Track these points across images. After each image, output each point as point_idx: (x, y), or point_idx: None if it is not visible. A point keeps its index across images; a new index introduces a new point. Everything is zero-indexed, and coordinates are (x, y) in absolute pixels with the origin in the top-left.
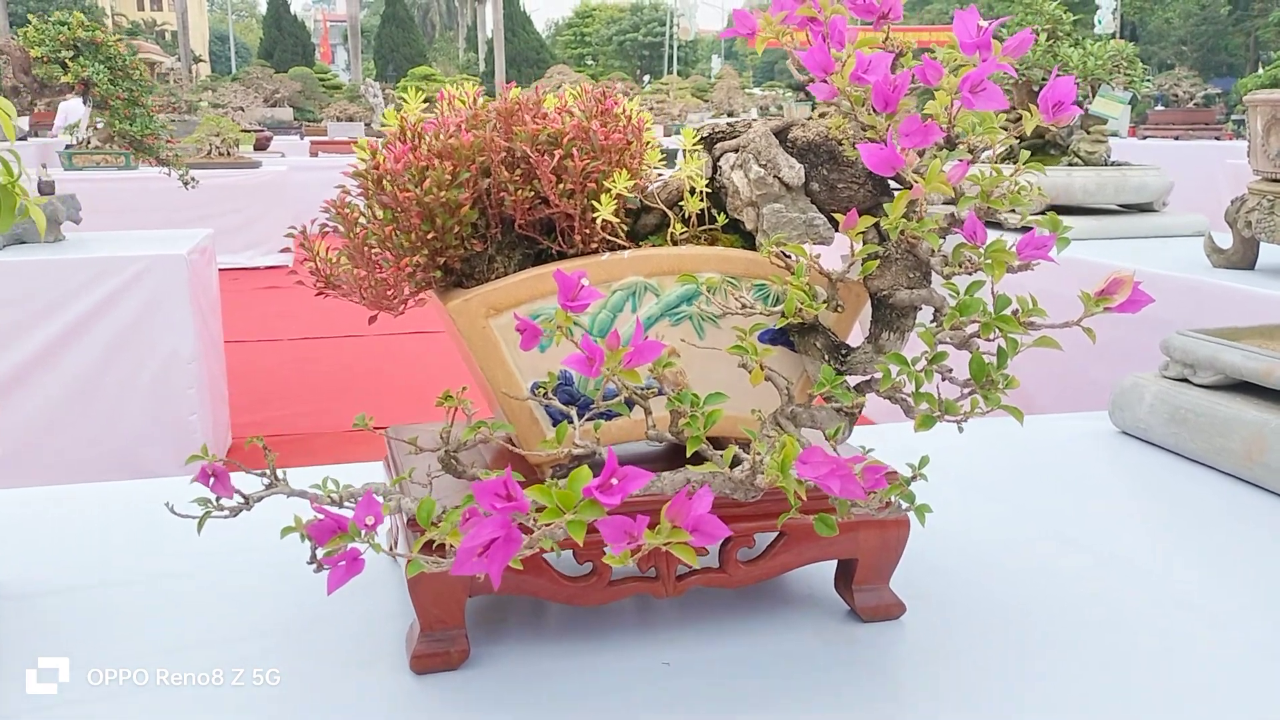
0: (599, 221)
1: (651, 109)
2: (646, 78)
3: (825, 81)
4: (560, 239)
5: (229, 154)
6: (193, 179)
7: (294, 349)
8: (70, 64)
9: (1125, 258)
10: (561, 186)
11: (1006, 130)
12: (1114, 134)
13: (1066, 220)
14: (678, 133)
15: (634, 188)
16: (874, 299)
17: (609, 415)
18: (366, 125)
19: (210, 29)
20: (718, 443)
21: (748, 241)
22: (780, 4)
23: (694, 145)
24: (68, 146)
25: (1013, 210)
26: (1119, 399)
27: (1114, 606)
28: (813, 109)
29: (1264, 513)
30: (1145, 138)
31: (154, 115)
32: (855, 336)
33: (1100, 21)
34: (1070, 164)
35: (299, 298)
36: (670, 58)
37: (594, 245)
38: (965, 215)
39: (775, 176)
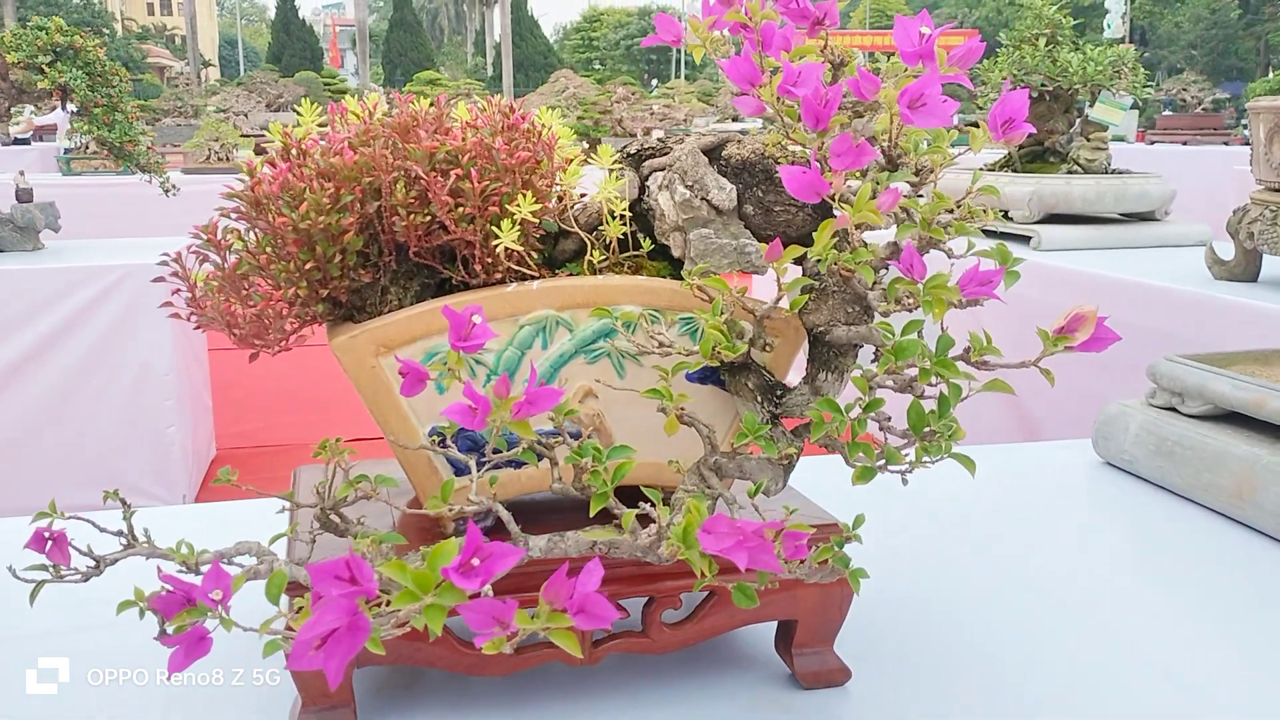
0: (501, 249)
1: (653, 112)
2: (654, 82)
3: (751, 95)
4: (463, 267)
5: (228, 159)
6: (173, 187)
7: (283, 357)
8: (47, 70)
9: (1124, 268)
10: (459, 210)
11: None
12: (1120, 139)
13: (1065, 229)
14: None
15: (550, 210)
16: (810, 335)
17: (519, 463)
18: None
19: (220, 33)
20: (642, 494)
21: (677, 269)
22: (708, 8)
23: (617, 163)
24: (66, 151)
25: (1008, 216)
26: (1103, 428)
27: (1087, 672)
28: None
29: (1254, 557)
30: (1153, 143)
31: (133, 122)
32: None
33: (1110, 25)
34: (1069, 171)
35: None
36: (678, 61)
37: (498, 275)
38: (903, 245)
39: (703, 199)
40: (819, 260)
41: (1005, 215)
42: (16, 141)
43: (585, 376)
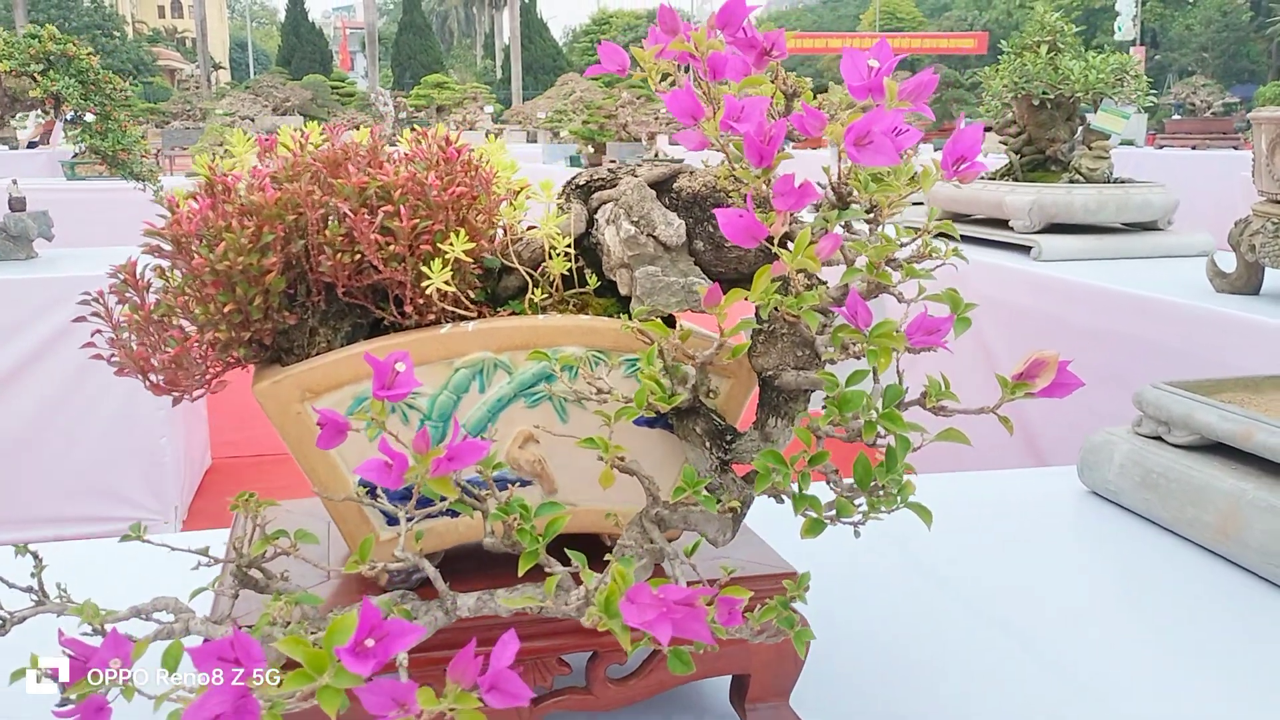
0: (433, 290)
1: (658, 116)
2: None
3: (694, 130)
4: (395, 308)
5: None
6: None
7: None
8: (39, 78)
9: (1125, 279)
10: (387, 249)
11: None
12: (1130, 143)
13: (1066, 239)
14: None
15: (489, 246)
16: (759, 379)
17: (455, 512)
18: None
19: (230, 36)
20: (593, 543)
21: (625, 306)
22: (654, 36)
23: (564, 195)
24: (73, 156)
25: (1008, 226)
26: (1088, 456)
27: None
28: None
29: (1239, 595)
30: (1162, 147)
31: (127, 130)
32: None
33: (1120, 28)
34: (1071, 180)
35: None
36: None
37: (432, 315)
38: (848, 290)
39: (650, 235)
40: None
41: (1005, 225)
42: (30, 145)
43: (526, 421)
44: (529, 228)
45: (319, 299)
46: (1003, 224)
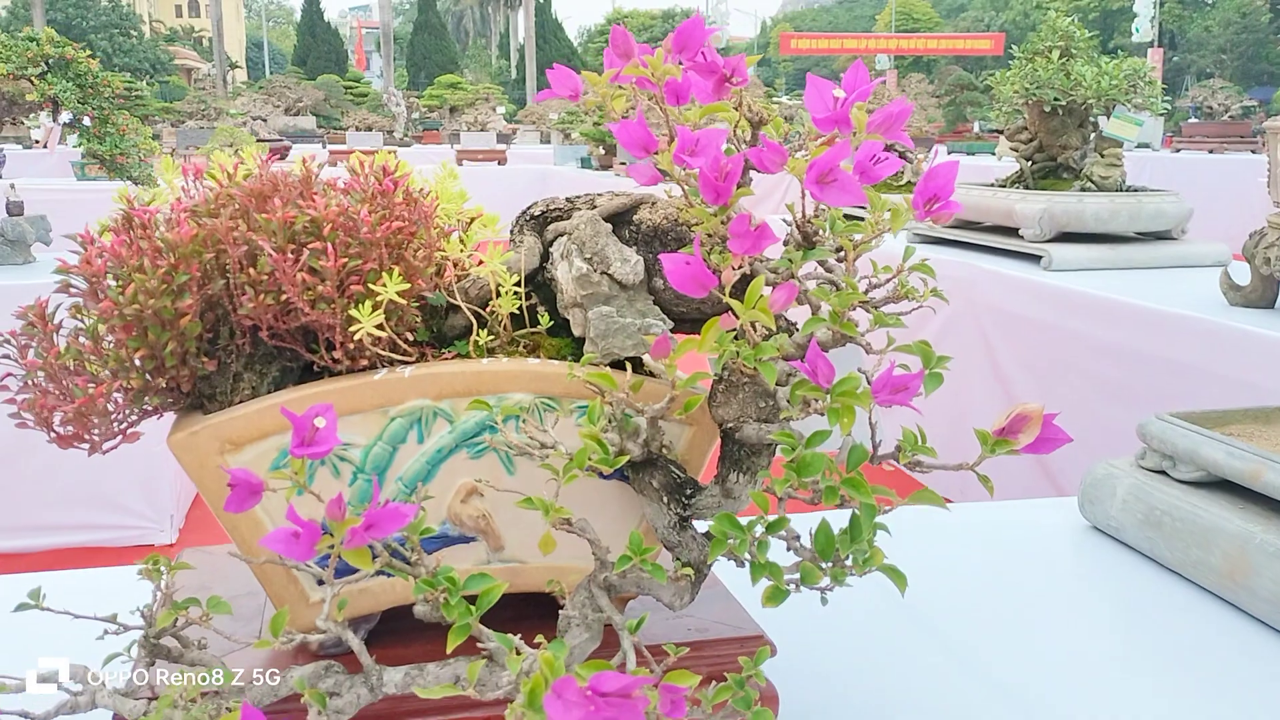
0: (363, 334)
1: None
2: None
3: (646, 163)
4: (326, 351)
5: None
6: None
7: None
8: (36, 82)
9: (1137, 291)
10: (314, 291)
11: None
12: (1146, 146)
13: (1077, 249)
14: None
15: (427, 284)
16: (720, 430)
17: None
18: (389, 134)
19: (247, 35)
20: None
21: (581, 347)
22: (609, 59)
23: (517, 226)
24: (83, 156)
25: (1018, 235)
26: (1090, 490)
27: None
28: None
29: (1247, 644)
30: (1179, 150)
31: (124, 134)
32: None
33: (1138, 30)
34: (1083, 188)
35: None
36: None
37: (365, 360)
38: (808, 341)
39: (604, 273)
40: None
41: (1015, 233)
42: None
43: (470, 473)
44: (478, 262)
45: (244, 342)
46: (1012, 232)
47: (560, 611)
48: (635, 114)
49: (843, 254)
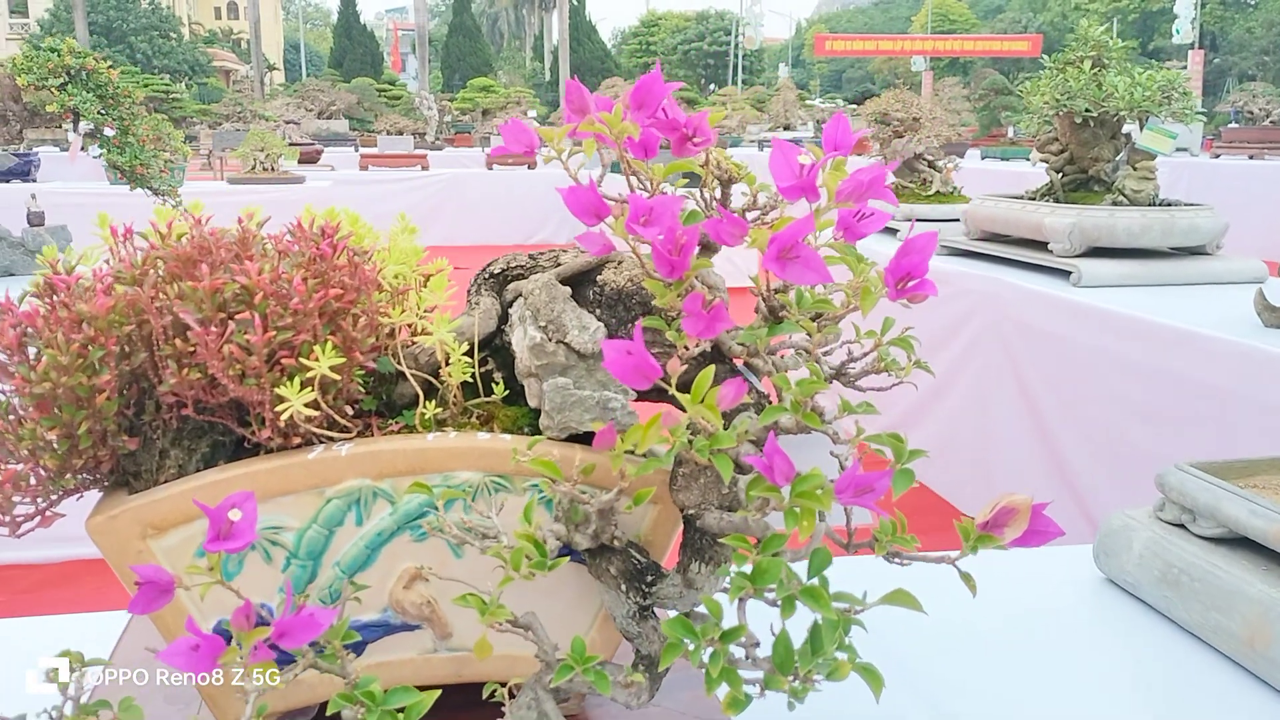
0: (295, 413)
1: None
2: (711, 86)
3: (597, 231)
4: (256, 426)
5: (273, 169)
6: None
7: None
8: (56, 93)
9: (1168, 309)
10: (240, 365)
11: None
12: (1185, 150)
13: (1108, 264)
14: (734, 145)
15: (393, 343)
16: (684, 519)
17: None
18: (420, 137)
19: (285, 37)
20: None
21: (539, 417)
22: (568, 113)
23: (475, 285)
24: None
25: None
26: (1105, 542)
27: None
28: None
29: (1266, 717)
30: (1218, 155)
31: (145, 145)
32: None
33: (1179, 31)
34: (1114, 202)
35: None
36: (735, 67)
37: (299, 437)
38: (765, 435)
39: (560, 341)
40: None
41: (1044, 246)
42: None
43: (413, 557)
44: (422, 331)
45: (170, 416)
46: (1041, 246)
47: (506, 714)
48: (589, 177)
49: (817, 321)
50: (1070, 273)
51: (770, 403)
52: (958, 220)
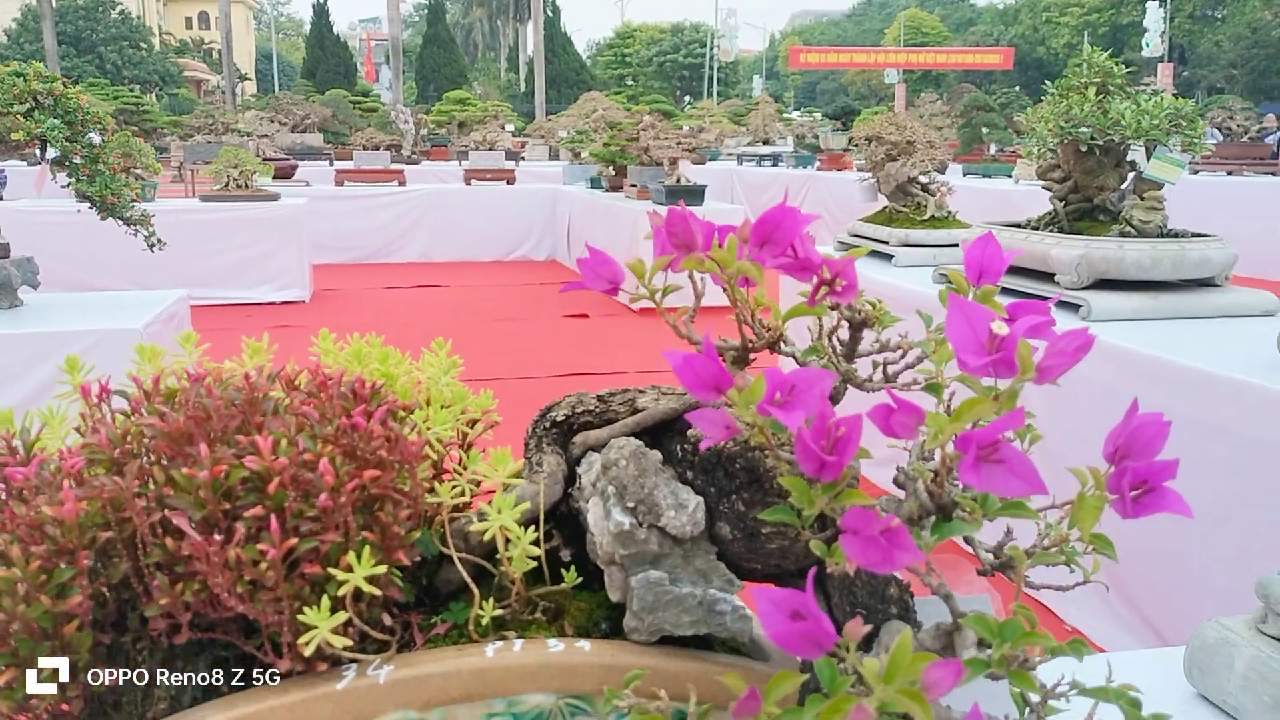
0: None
1: (680, 142)
2: (687, 99)
3: (718, 407)
4: (269, 646)
5: (246, 186)
6: (159, 241)
7: None
8: (22, 119)
9: (1182, 347)
10: (246, 582)
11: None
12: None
13: (1117, 297)
14: (713, 159)
15: (411, 537)
16: None
17: None
18: (396, 150)
19: (257, 48)
20: None
21: (619, 609)
22: (660, 243)
23: (533, 438)
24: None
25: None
26: (1198, 655)
27: None
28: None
29: None
30: (1196, 172)
31: (115, 174)
32: None
33: (1149, 45)
34: (1121, 232)
35: (311, 334)
36: (710, 79)
37: (323, 662)
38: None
39: (653, 526)
40: None
41: (1051, 277)
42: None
43: None
44: (478, 512)
45: (160, 635)
46: (1047, 277)
47: None
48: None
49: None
50: (1079, 306)
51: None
52: (954, 246)
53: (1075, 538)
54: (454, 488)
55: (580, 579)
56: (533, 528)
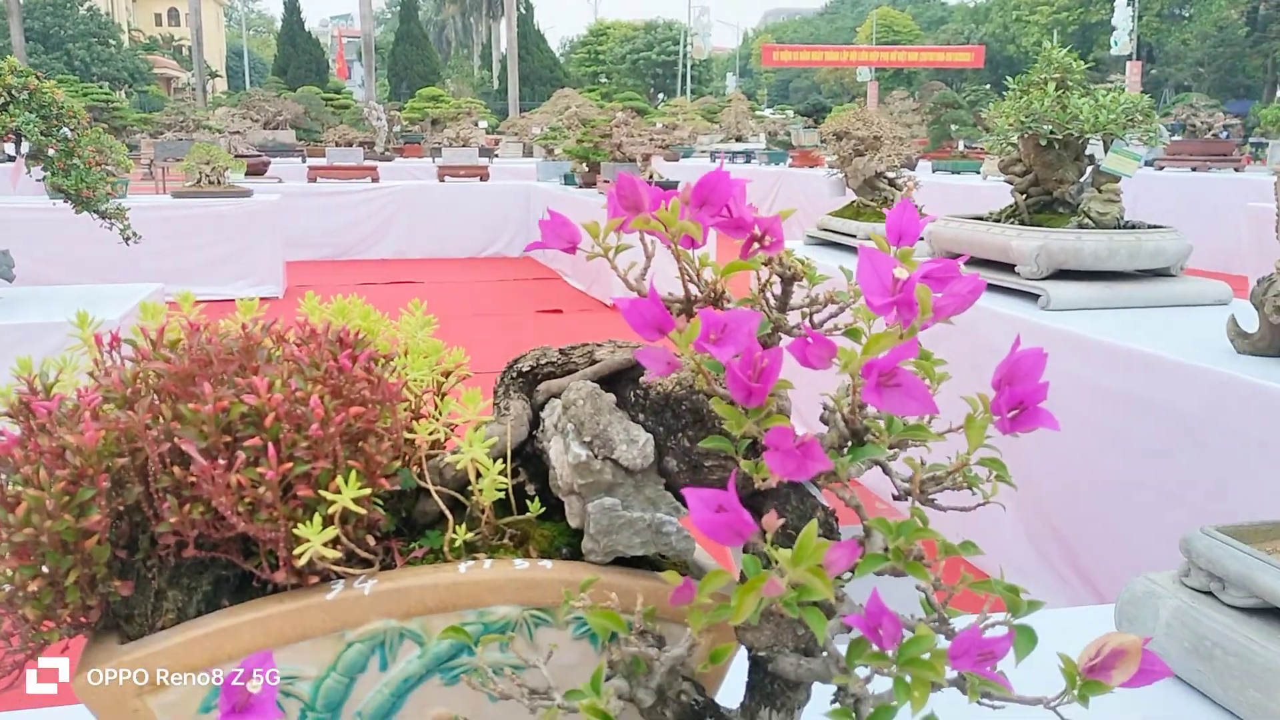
0: (313, 553)
1: (653, 138)
2: (660, 96)
3: (658, 348)
4: (266, 563)
5: (219, 182)
6: (134, 234)
7: None
8: None
9: (1138, 334)
10: (250, 497)
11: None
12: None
13: (1075, 287)
14: (686, 156)
15: (399, 463)
16: (750, 658)
17: None
18: (369, 147)
19: (227, 44)
20: None
21: (578, 535)
22: (613, 206)
23: (502, 386)
24: (47, 189)
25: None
26: (1127, 607)
27: None
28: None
29: None
30: (1161, 168)
31: (91, 168)
32: None
33: (1116, 43)
34: (1080, 225)
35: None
36: (684, 76)
37: (315, 574)
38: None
39: (607, 458)
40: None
41: (1011, 268)
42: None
43: (445, 702)
44: (451, 451)
45: (168, 553)
46: (1007, 268)
47: None
48: (647, 286)
49: (894, 453)
50: (1038, 295)
51: (832, 521)
52: (921, 240)
53: (975, 462)
54: (430, 430)
55: (544, 509)
56: (500, 461)
